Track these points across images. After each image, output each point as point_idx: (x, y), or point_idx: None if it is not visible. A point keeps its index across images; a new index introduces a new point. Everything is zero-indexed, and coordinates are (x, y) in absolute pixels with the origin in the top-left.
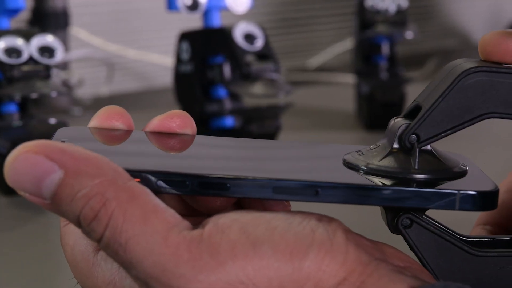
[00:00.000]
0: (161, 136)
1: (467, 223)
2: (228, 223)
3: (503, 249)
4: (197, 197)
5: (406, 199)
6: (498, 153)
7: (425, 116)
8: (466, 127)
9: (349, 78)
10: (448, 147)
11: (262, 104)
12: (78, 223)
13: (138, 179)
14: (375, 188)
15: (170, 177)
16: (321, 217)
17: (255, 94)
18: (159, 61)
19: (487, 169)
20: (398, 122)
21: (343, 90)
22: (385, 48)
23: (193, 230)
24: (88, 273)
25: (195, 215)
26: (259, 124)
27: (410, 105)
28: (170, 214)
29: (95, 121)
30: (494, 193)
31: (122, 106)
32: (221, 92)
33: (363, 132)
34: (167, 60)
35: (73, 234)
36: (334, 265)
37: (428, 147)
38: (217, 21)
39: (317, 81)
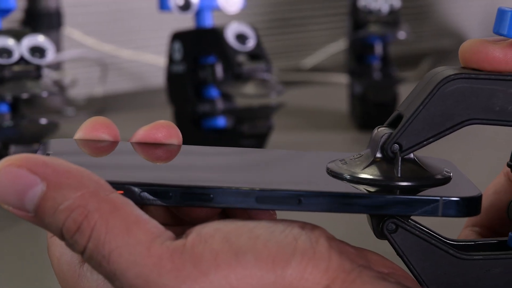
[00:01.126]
0: (147, 146)
1: (455, 226)
2: (211, 233)
3: (489, 252)
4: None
5: (388, 207)
6: (487, 155)
7: (406, 125)
8: (448, 134)
9: (343, 78)
10: (435, 150)
11: (254, 104)
12: (61, 236)
13: (121, 191)
14: (357, 196)
15: (153, 189)
16: (304, 225)
17: (247, 94)
18: (153, 61)
19: (474, 171)
20: (381, 132)
21: (337, 90)
22: (378, 48)
23: (176, 240)
24: (74, 284)
25: (181, 224)
26: (251, 124)
27: (393, 114)
28: (153, 225)
29: (81, 132)
30: (477, 199)
31: (116, 106)
32: (213, 92)
33: (356, 132)
34: (162, 60)
35: (59, 245)
36: (316, 273)
37: (411, 155)
38: (209, 21)
39: (311, 81)
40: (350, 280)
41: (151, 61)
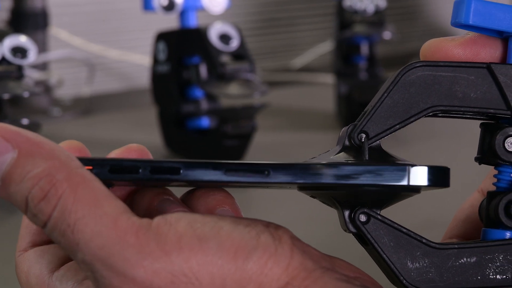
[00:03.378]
0: None
1: (433, 237)
2: (176, 217)
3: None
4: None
5: (358, 175)
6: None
7: (371, 113)
8: (413, 121)
9: (331, 79)
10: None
11: (237, 105)
12: (25, 205)
13: (91, 167)
14: (327, 165)
15: (122, 163)
16: (268, 224)
17: (230, 94)
18: (140, 61)
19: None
20: (347, 127)
21: (325, 91)
22: (364, 48)
23: (142, 218)
24: None
25: None
26: (235, 124)
27: (361, 115)
28: (120, 203)
29: None
30: (445, 169)
31: (104, 106)
32: (198, 92)
33: None
34: (149, 61)
35: (27, 260)
36: (277, 269)
37: (378, 143)
38: (194, 21)
39: (300, 81)
40: (312, 279)
41: (138, 61)
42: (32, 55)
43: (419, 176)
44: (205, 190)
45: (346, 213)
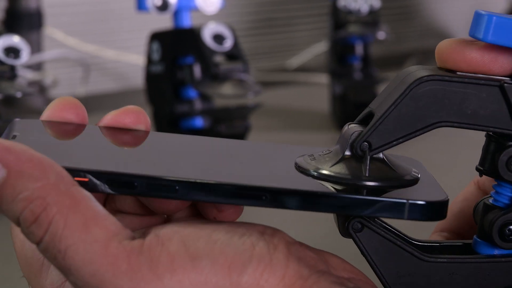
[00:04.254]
0: (114, 131)
1: (424, 230)
2: (169, 235)
3: (454, 255)
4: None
5: (354, 207)
6: (463, 157)
7: (377, 124)
8: (418, 135)
9: (327, 79)
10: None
11: (231, 105)
12: (18, 224)
13: (86, 179)
14: (323, 195)
15: (118, 178)
16: (264, 230)
17: (224, 94)
18: (136, 61)
19: (448, 173)
20: (351, 129)
21: (320, 90)
22: (358, 48)
23: (134, 240)
24: (36, 272)
25: (151, 214)
26: (228, 124)
27: (364, 112)
28: (111, 222)
29: (48, 112)
30: (443, 203)
31: (99, 107)
32: (191, 92)
33: (336, 132)
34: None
35: None
36: (273, 280)
37: (380, 154)
38: (188, 21)
39: (296, 81)
40: (307, 286)
41: (133, 61)
42: (25, 55)
43: (417, 212)
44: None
45: (341, 220)
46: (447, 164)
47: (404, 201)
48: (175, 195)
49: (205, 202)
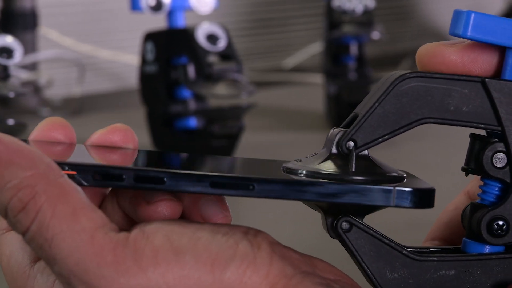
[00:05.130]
0: (102, 149)
1: (415, 239)
2: (154, 230)
3: (443, 254)
4: (139, 211)
5: (342, 194)
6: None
7: (361, 121)
8: (402, 132)
9: (322, 79)
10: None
11: (225, 105)
12: (5, 214)
13: (74, 172)
14: (311, 183)
15: (106, 170)
16: (247, 230)
17: (218, 94)
18: (131, 61)
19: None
20: (336, 131)
21: (316, 91)
22: (353, 49)
23: (120, 233)
24: (23, 285)
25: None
26: (222, 124)
27: (350, 116)
28: (99, 215)
29: (36, 133)
30: (430, 191)
31: (94, 107)
32: (186, 92)
33: None
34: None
35: (10, 244)
36: (256, 278)
37: (366, 153)
38: (182, 21)
39: (291, 81)
40: (291, 285)
41: (129, 61)
42: (18, 56)
43: (404, 198)
44: None
45: (329, 220)
46: (439, 166)
47: (391, 187)
48: (163, 186)
49: (193, 193)
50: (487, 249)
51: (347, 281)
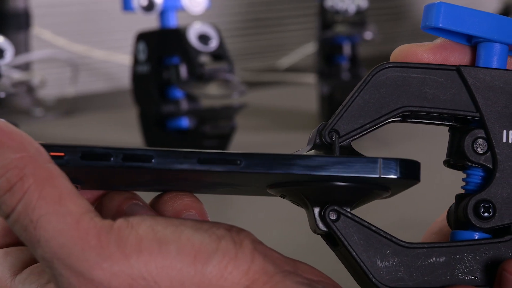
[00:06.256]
0: None
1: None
2: (139, 220)
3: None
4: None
5: (328, 166)
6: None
7: (342, 112)
8: (384, 121)
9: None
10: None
11: (216, 105)
12: None
13: (62, 153)
14: (298, 156)
15: (94, 150)
16: (231, 227)
17: (209, 94)
18: (125, 61)
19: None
20: (320, 124)
21: (310, 91)
22: (346, 49)
23: (105, 220)
24: None
25: None
26: (213, 125)
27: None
28: (85, 202)
29: None
30: (416, 163)
31: (88, 107)
32: (178, 92)
33: None
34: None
35: None
36: (237, 273)
37: (349, 143)
38: (174, 21)
39: (285, 81)
40: (272, 283)
41: (122, 61)
42: (9, 56)
43: (390, 168)
44: (173, 194)
45: (316, 211)
46: (433, 166)
47: (377, 158)
48: (151, 164)
49: (182, 171)
50: (476, 236)
51: (329, 282)
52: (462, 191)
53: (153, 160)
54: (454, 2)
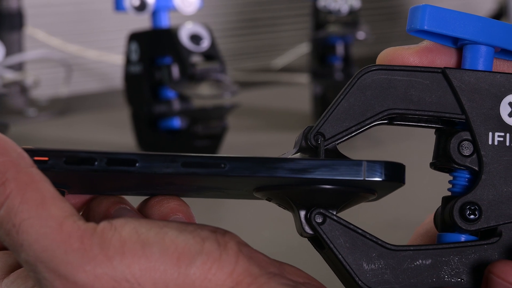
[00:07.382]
0: None
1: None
2: (122, 222)
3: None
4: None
5: (313, 169)
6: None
7: (327, 115)
8: (369, 124)
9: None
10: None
11: (208, 105)
12: None
13: (47, 158)
14: (282, 160)
15: (78, 154)
16: (216, 229)
17: (201, 95)
18: (118, 61)
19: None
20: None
21: (304, 91)
22: (339, 49)
23: (88, 222)
24: None
25: None
26: (205, 125)
27: None
28: (67, 205)
29: None
30: (400, 165)
31: (81, 107)
32: (170, 93)
33: None
34: None
35: None
36: (221, 274)
37: (334, 146)
38: (166, 21)
39: (280, 81)
40: (257, 285)
41: (116, 61)
42: (2, 55)
43: (375, 170)
44: (160, 198)
45: (302, 213)
46: (424, 167)
47: (361, 160)
48: (135, 168)
49: (167, 175)
50: (462, 238)
51: (315, 284)
52: (449, 193)
53: (137, 164)
54: (449, 3)
